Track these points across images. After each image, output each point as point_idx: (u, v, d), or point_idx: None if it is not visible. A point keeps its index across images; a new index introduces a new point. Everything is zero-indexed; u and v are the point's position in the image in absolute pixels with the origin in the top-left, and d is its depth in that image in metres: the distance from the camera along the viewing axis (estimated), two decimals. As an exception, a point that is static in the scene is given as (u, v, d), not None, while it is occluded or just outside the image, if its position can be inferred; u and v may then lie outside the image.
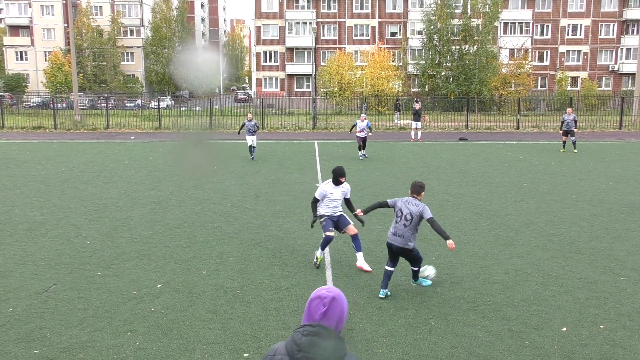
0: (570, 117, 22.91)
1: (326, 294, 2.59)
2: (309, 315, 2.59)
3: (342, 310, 2.59)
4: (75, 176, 17.01)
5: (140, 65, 70.01)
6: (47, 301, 7.16)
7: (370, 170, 18.11)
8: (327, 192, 8.47)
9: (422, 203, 7.40)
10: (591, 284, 7.75)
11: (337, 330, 2.56)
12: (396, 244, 7.17)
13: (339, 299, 2.60)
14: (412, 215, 7.18)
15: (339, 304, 2.59)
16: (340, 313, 2.58)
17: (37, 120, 36.46)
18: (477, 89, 50.61)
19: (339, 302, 2.59)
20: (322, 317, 2.55)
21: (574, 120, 22.97)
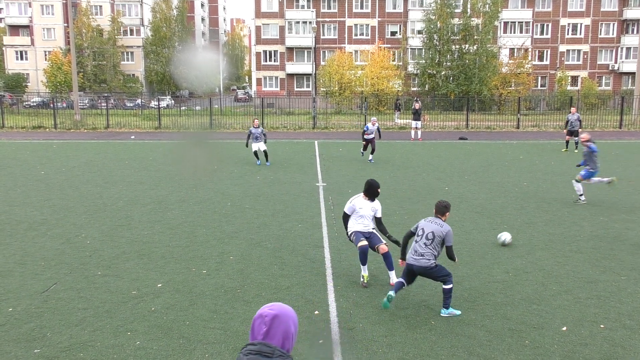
0: (575, 116, 22.84)
1: (268, 312, 2.53)
2: (252, 335, 2.55)
3: (287, 327, 2.52)
4: (75, 176, 17.01)
5: (140, 64, 70.02)
6: (48, 301, 7.16)
7: (370, 170, 18.09)
8: (357, 207, 7.99)
9: (447, 225, 6.90)
10: (591, 284, 7.75)
11: (283, 348, 2.50)
12: (417, 264, 6.76)
13: (282, 316, 2.52)
14: (434, 234, 6.80)
15: (283, 322, 2.52)
16: (284, 331, 2.51)
17: (37, 120, 36.44)
18: (477, 88, 50.60)
19: (282, 320, 2.52)
20: (265, 336, 2.50)
21: (579, 119, 22.90)
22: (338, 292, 7.41)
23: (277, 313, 2.53)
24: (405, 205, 12.72)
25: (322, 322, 6.51)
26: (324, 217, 11.56)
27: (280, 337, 2.52)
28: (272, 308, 2.55)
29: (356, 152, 21.73)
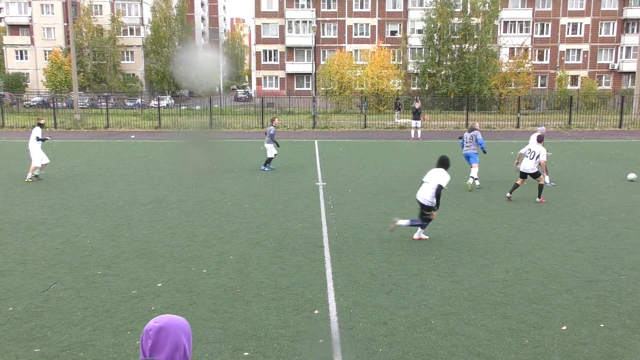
0: None
1: (152, 325, 2.41)
2: (142, 352, 2.43)
3: (176, 338, 2.39)
4: (75, 175, 17.00)
5: (140, 64, 70.01)
6: (48, 300, 7.16)
7: (370, 169, 18.10)
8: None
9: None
10: (591, 283, 7.76)
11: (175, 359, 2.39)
12: None
13: (168, 327, 2.40)
14: None
15: (170, 333, 2.40)
16: (173, 342, 2.38)
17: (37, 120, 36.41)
18: (477, 87, 50.60)
19: (168, 331, 2.40)
20: (152, 350, 2.38)
21: None
22: (338, 292, 7.41)
23: (162, 325, 2.41)
24: (406, 205, 12.72)
25: (322, 322, 6.52)
26: (324, 217, 11.56)
27: (169, 349, 2.38)
28: (157, 321, 2.43)
29: (356, 152, 21.73)
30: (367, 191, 14.35)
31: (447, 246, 9.49)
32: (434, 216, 9.69)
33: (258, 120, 35.84)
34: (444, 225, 10.93)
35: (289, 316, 6.65)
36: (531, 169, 12.83)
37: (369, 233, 10.30)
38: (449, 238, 9.99)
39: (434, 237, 10.04)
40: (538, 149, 12.89)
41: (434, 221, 11.21)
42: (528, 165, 12.87)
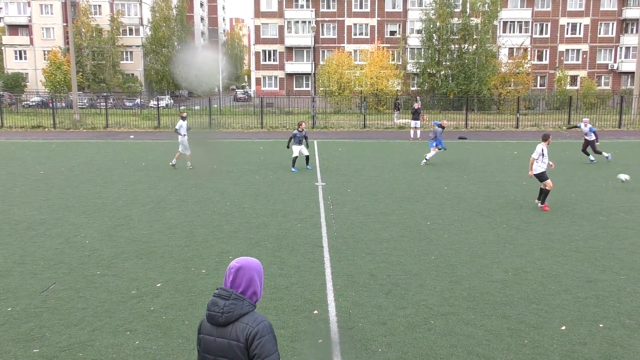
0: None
1: (234, 264, 3.10)
2: (225, 282, 3.12)
3: (251, 276, 3.07)
4: (74, 175, 17.00)
5: (140, 64, 69.99)
6: (47, 300, 7.15)
7: (370, 169, 18.11)
8: None
9: None
10: (590, 283, 7.76)
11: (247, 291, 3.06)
12: None
13: (246, 267, 3.08)
14: None
15: (246, 272, 3.07)
16: (248, 279, 3.06)
17: (36, 120, 36.43)
18: (476, 87, 50.62)
19: (245, 271, 3.07)
20: (231, 283, 3.06)
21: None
22: (337, 292, 7.41)
23: (241, 265, 3.08)
24: (405, 205, 12.72)
25: (321, 322, 6.51)
26: (323, 217, 11.56)
27: (244, 284, 3.05)
28: (238, 261, 3.11)
29: (355, 152, 21.71)
30: (366, 191, 14.35)
31: (446, 246, 9.49)
32: None
33: (257, 120, 35.84)
34: (443, 225, 10.93)
35: (288, 316, 6.65)
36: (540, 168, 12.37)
37: (369, 233, 10.30)
38: (448, 238, 9.99)
39: (433, 237, 10.04)
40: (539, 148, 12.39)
41: (434, 221, 11.22)
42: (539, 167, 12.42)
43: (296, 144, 18.02)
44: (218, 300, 3.04)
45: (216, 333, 3.03)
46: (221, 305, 3.01)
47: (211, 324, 3.06)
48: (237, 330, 2.98)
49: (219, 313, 3.01)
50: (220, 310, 3.01)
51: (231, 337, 2.98)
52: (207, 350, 3.07)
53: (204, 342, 3.08)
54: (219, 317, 3.01)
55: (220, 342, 3.01)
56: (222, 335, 3.01)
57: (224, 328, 3.01)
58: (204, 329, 3.10)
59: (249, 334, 2.95)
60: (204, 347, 3.09)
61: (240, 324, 2.99)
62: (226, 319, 2.99)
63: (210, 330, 3.06)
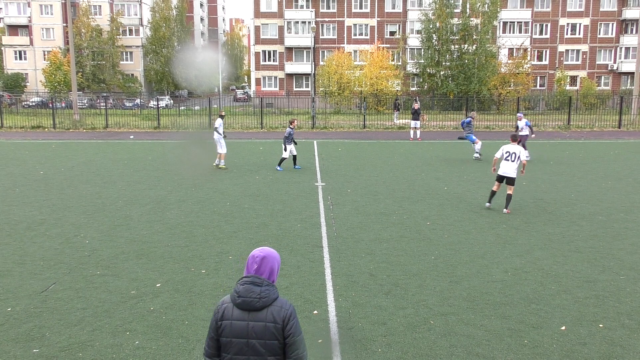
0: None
1: (258, 254, 3.33)
2: (247, 270, 3.33)
3: (273, 265, 3.32)
4: (74, 175, 16.99)
5: (140, 64, 70.00)
6: (46, 300, 7.15)
7: (370, 169, 18.10)
8: None
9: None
10: (590, 283, 7.76)
11: (270, 280, 3.31)
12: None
13: (269, 257, 3.33)
14: None
15: (269, 261, 3.32)
16: (271, 268, 3.31)
17: (36, 120, 36.42)
18: (476, 88, 50.63)
19: (268, 260, 3.32)
20: (256, 271, 3.29)
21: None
22: (337, 292, 7.41)
23: (265, 255, 3.32)
24: (405, 205, 12.72)
25: (321, 322, 6.51)
26: (323, 217, 11.56)
27: (268, 272, 3.30)
28: (261, 251, 3.35)
29: (355, 152, 21.72)
30: (366, 191, 14.35)
31: (446, 246, 9.49)
32: None
33: (257, 120, 35.84)
34: (443, 225, 10.93)
35: (288, 316, 6.64)
36: (513, 172, 11.95)
37: (368, 233, 10.29)
38: (448, 238, 9.99)
39: (433, 238, 10.04)
40: (517, 149, 12.07)
41: (434, 221, 11.23)
42: (510, 168, 11.97)
43: (289, 143, 17.91)
44: (253, 287, 3.24)
45: (249, 317, 3.23)
46: (257, 292, 3.24)
47: (243, 309, 3.24)
48: (274, 313, 3.23)
49: (255, 299, 3.22)
50: (257, 296, 3.22)
51: (267, 320, 3.22)
52: (237, 334, 3.24)
53: (234, 327, 3.24)
54: (255, 303, 3.22)
55: (255, 325, 3.23)
56: (256, 319, 3.23)
57: (258, 312, 3.23)
58: (233, 315, 3.25)
59: (285, 316, 3.24)
60: (233, 332, 3.25)
61: (274, 308, 3.25)
62: (263, 304, 3.23)
63: (241, 316, 3.24)
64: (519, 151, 12.02)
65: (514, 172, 11.99)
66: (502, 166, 12.11)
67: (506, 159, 12.08)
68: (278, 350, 3.26)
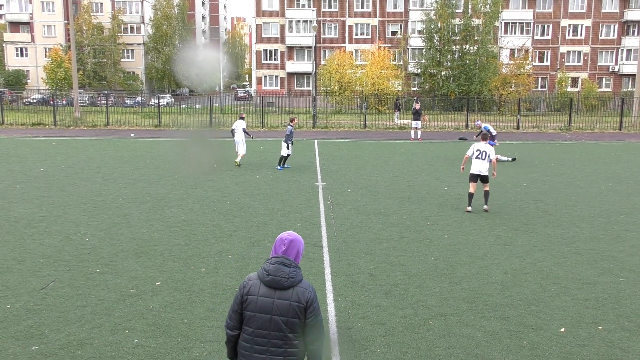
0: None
1: (287, 237, 3.62)
2: (274, 252, 3.59)
3: (299, 248, 3.63)
4: (74, 173, 16.99)
5: (141, 62, 70.00)
6: (46, 298, 7.15)
7: (370, 169, 18.10)
8: None
9: None
10: (590, 285, 7.76)
11: (295, 261, 3.58)
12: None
13: (296, 241, 3.62)
14: None
15: (296, 245, 3.61)
16: (297, 250, 3.61)
17: (36, 117, 36.43)
18: (477, 88, 50.61)
19: (295, 243, 3.61)
20: (284, 253, 3.56)
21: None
22: (336, 292, 7.41)
23: (293, 239, 3.62)
24: (405, 205, 12.72)
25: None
26: (323, 217, 11.56)
27: (294, 254, 3.60)
28: (289, 235, 3.64)
29: (356, 152, 21.70)
30: (366, 191, 14.35)
31: (446, 247, 9.49)
32: None
33: (258, 119, 35.83)
34: (443, 226, 10.93)
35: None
36: (486, 170, 12.09)
37: (368, 233, 10.29)
38: (447, 239, 9.99)
39: (432, 238, 10.04)
40: (487, 148, 12.17)
41: (434, 222, 11.23)
42: (483, 167, 12.07)
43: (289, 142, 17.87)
44: (282, 267, 3.49)
45: (275, 295, 3.47)
46: (286, 272, 3.49)
47: (271, 287, 3.48)
48: (298, 294, 3.48)
49: (284, 278, 3.47)
50: (286, 275, 3.47)
51: (292, 299, 3.46)
52: (262, 310, 3.48)
53: (260, 303, 3.48)
54: (284, 282, 3.47)
55: (280, 302, 3.46)
56: (282, 297, 3.47)
57: (284, 291, 3.47)
58: (259, 292, 3.49)
59: (308, 298, 3.49)
60: (258, 307, 3.48)
61: (300, 289, 3.50)
62: (290, 283, 3.48)
63: (268, 293, 3.48)
64: (488, 149, 12.21)
65: (487, 170, 12.14)
66: (475, 165, 12.24)
67: (477, 158, 12.23)
68: (298, 328, 3.48)
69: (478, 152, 12.20)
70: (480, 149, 12.21)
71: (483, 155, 12.14)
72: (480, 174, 12.13)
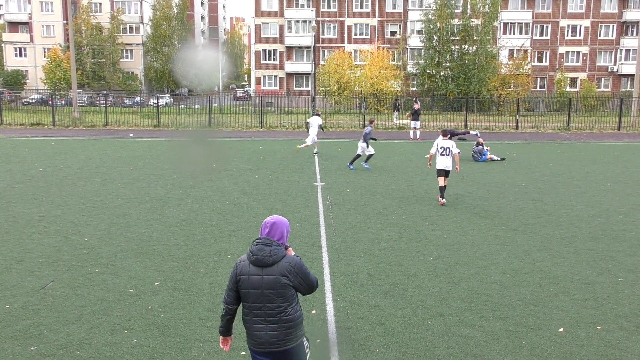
0: None
1: (269, 220, 4.01)
2: (260, 234, 3.99)
3: (282, 230, 3.99)
4: (73, 173, 16.98)
5: (140, 62, 69.94)
6: (45, 298, 7.15)
7: (369, 170, 18.08)
8: None
9: None
10: (589, 285, 7.76)
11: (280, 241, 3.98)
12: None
13: (278, 223, 4.00)
14: None
15: (279, 226, 3.99)
16: (280, 232, 3.98)
17: (35, 117, 36.40)
18: (476, 89, 50.63)
19: (278, 225, 3.99)
20: (267, 234, 3.97)
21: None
22: (335, 292, 7.41)
23: (275, 221, 4.00)
24: (404, 205, 12.72)
25: (319, 322, 6.51)
26: (322, 217, 11.56)
27: (278, 236, 3.98)
28: (272, 218, 4.02)
29: (354, 152, 21.65)
30: (365, 191, 14.35)
31: (444, 247, 9.49)
32: None
33: (257, 119, 35.83)
34: (442, 226, 10.93)
35: (286, 316, 6.64)
36: (451, 165, 12.70)
37: (367, 233, 10.29)
38: (446, 239, 9.99)
39: (431, 238, 10.04)
40: (449, 144, 12.73)
41: (433, 222, 11.23)
42: (449, 162, 12.67)
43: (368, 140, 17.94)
44: (264, 247, 3.92)
45: (263, 272, 3.92)
46: (267, 251, 3.91)
47: (257, 265, 3.93)
48: (282, 268, 3.91)
49: (266, 256, 3.90)
50: (267, 254, 3.90)
51: (278, 273, 3.91)
52: (253, 286, 3.94)
53: (250, 281, 3.94)
54: (267, 259, 3.90)
55: (267, 278, 3.91)
56: (269, 273, 3.91)
57: (269, 267, 3.91)
58: (249, 271, 3.95)
59: (292, 268, 3.93)
60: (249, 284, 3.95)
61: (283, 263, 3.93)
62: (272, 260, 3.91)
63: (256, 271, 3.93)
64: (451, 145, 12.75)
65: (452, 164, 12.79)
66: (441, 161, 12.78)
67: (442, 154, 12.79)
68: (289, 297, 3.96)
69: (442, 149, 12.81)
70: (444, 145, 12.80)
71: (447, 151, 12.75)
72: (447, 169, 12.76)
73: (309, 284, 4.05)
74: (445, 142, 12.82)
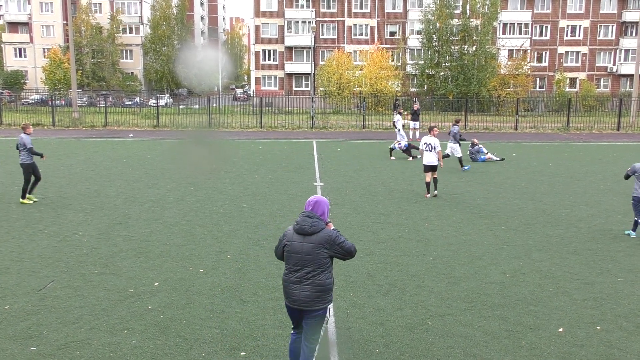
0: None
1: (313, 199, 4.91)
2: (305, 209, 4.86)
3: (324, 207, 4.88)
4: (73, 173, 16.98)
5: (139, 62, 69.92)
6: (44, 299, 7.15)
7: (368, 170, 18.10)
8: None
9: None
10: (588, 285, 7.77)
11: (321, 217, 4.83)
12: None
13: (320, 202, 4.89)
14: None
15: (321, 205, 4.87)
16: (322, 208, 4.87)
17: (35, 117, 36.38)
18: (475, 89, 50.62)
19: (320, 204, 4.87)
20: (311, 210, 4.84)
21: None
22: (335, 292, 7.38)
23: (317, 200, 4.89)
24: (403, 206, 12.72)
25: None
26: (322, 217, 11.54)
27: (320, 212, 4.84)
28: (315, 197, 4.91)
29: (354, 152, 21.70)
30: (364, 192, 14.35)
31: (444, 247, 9.50)
32: None
33: (256, 120, 35.83)
34: (441, 226, 10.94)
35: (285, 316, 6.62)
36: (435, 160, 13.36)
37: (367, 234, 10.30)
38: (446, 239, 10.00)
39: (431, 238, 10.05)
40: (432, 140, 13.49)
41: (432, 222, 11.23)
42: (433, 157, 13.33)
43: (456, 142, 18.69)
44: (307, 219, 4.77)
45: (304, 240, 4.74)
46: (309, 222, 4.76)
47: (300, 234, 4.76)
48: (321, 239, 4.73)
49: (308, 226, 4.74)
50: (309, 224, 4.74)
51: (317, 242, 4.72)
52: (294, 251, 4.77)
53: (293, 246, 4.77)
54: (308, 229, 4.73)
55: (307, 245, 4.73)
56: (309, 241, 4.73)
57: (310, 236, 4.72)
58: (292, 238, 4.80)
59: (330, 239, 4.74)
60: (292, 249, 4.77)
61: (322, 234, 4.74)
62: (312, 230, 4.73)
63: (298, 238, 4.77)
64: (434, 142, 13.51)
65: (436, 160, 13.41)
66: (426, 157, 13.48)
67: (426, 150, 13.48)
68: (323, 264, 4.74)
69: (426, 145, 13.51)
70: (428, 142, 13.55)
71: (430, 147, 13.45)
72: (431, 164, 13.41)
73: (346, 251, 4.75)
74: (429, 138, 13.60)
